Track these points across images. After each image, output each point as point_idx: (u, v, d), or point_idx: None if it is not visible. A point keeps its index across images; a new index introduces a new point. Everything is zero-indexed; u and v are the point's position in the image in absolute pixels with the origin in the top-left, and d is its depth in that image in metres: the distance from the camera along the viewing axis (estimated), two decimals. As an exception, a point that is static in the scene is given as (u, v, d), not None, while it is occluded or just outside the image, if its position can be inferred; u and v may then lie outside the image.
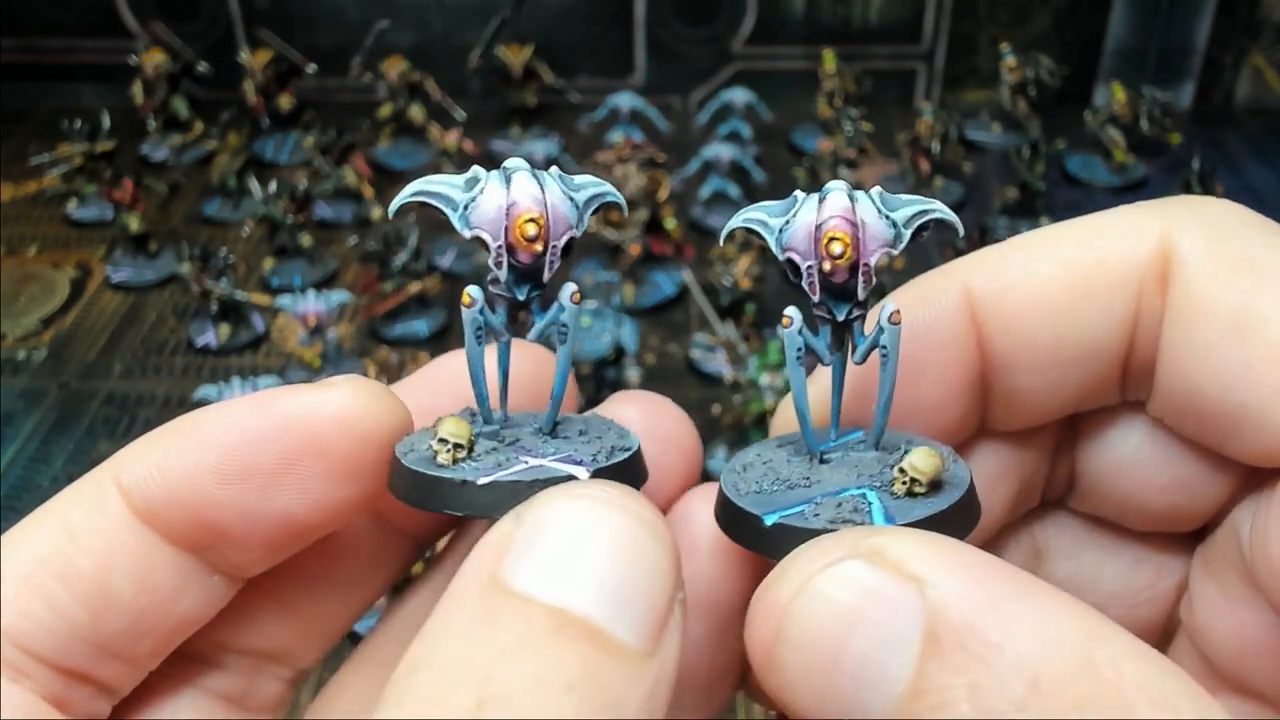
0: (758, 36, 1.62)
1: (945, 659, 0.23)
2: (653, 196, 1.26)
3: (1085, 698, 0.22)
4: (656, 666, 0.24)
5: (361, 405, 0.30)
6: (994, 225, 1.35)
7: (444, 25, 1.62)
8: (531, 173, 0.29)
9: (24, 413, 1.13)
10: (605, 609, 0.23)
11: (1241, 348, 0.29)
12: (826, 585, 0.24)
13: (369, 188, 1.41)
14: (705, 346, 1.17)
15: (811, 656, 0.24)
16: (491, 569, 0.24)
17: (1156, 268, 0.31)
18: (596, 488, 0.26)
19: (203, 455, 0.29)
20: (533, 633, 0.23)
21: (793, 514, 0.28)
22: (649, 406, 0.35)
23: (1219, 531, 0.33)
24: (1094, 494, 0.36)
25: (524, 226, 0.29)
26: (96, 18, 1.62)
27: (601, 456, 0.29)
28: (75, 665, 0.29)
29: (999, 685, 0.22)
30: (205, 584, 0.31)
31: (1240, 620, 0.32)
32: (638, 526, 0.25)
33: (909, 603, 0.23)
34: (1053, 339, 0.32)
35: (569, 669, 0.22)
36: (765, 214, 0.30)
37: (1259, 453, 0.29)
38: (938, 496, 0.29)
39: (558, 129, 1.57)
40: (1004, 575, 0.24)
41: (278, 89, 1.56)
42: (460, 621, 0.23)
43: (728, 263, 1.20)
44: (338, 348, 1.16)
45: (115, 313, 1.28)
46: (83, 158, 1.34)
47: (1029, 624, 0.22)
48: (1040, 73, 1.49)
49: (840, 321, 0.30)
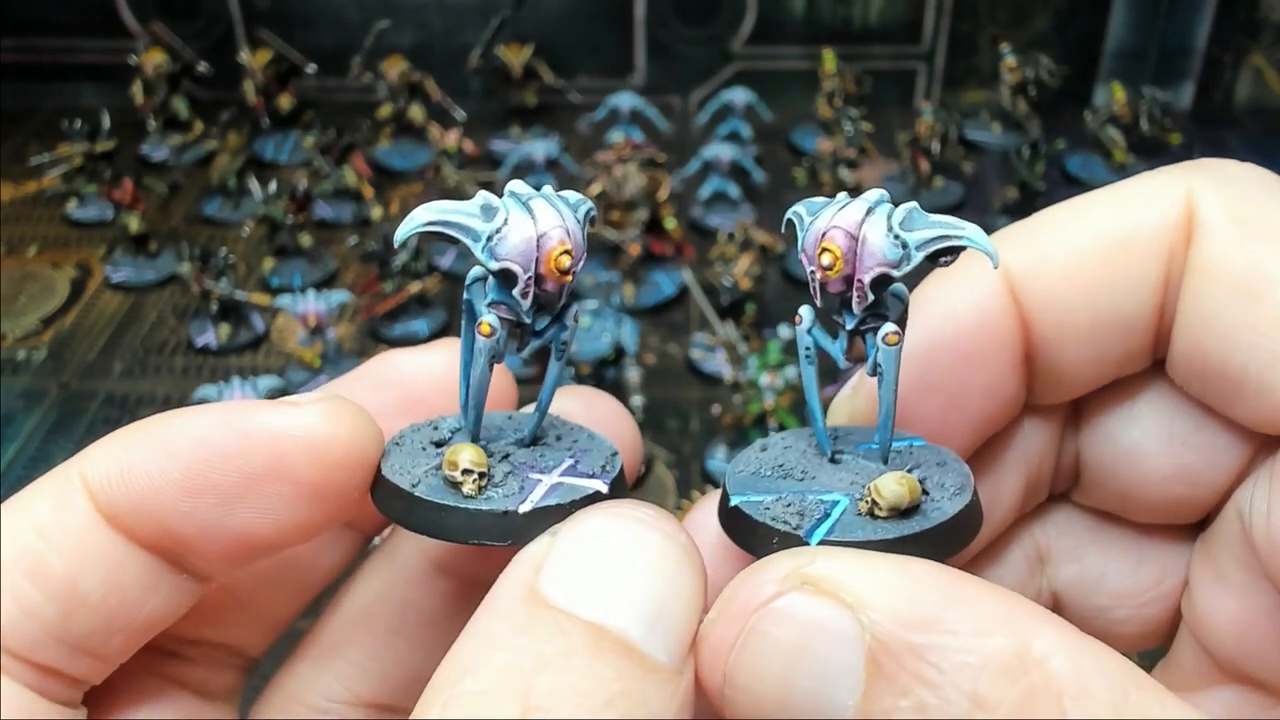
0: (758, 36, 1.62)
1: (889, 683, 0.23)
2: (653, 196, 1.26)
3: (1023, 705, 0.22)
4: (685, 685, 0.24)
5: (331, 430, 0.29)
6: (994, 225, 1.35)
7: (444, 25, 1.62)
8: (548, 199, 0.29)
9: (24, 413, 1.13)
10: (641, 627, 0.24)
11: (1247, 311, 0.29)
12: (766, 625, 0.25)
13: (369, 188, 1.41)
14: (705, 346, 1.17)
15: (761, 697, 0.25)
16: (530, 582, 0.25)
17: (1183, 232, 0.31)
18: (632, 508, 0.26)
19: (166, 465, 0.28)
20: (573, 646, 0.23)
21: (752, 501, 0.29)
22: (590, 400, 0.36)
23: (1219, 520, 0.34)
24: (1099, 485, 0.36)
25: (559, 260, 0.28)
26: (96, 18, 1.62)
27: (610, 466, 0.30)
28: (46, 661, 0.29)
29: (944, 703, 0.22)
30: (173, 584, 0.30)
31: (1240, 608, 0.32)
32: (673, 549, 0.26)
33: (848, 630, 0.24)
34: (1092, 309, 0.32)
35: (608, 684, 0.23)
36: (806, 210, 0.30)
37: (1259, 417, 0.30)
38: (896, 523, 0.28)
39: (558, 129, 1.57)
40: (937, 584, 0.24)
41: (278, 89, 1.56)
42: (502, 631, 0.24)
43: (728, 263, 1.20)
44: (338, 348, 1.16)
45: (115, 313, 1.28)
46: (83, 158, 1.34)
47: (965, 634, 0.23)
48: (1040, 73, 1.49)
49: (851, 330, 0.30)
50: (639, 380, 1.11)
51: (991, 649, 0.23)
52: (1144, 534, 0.37)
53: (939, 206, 1.43)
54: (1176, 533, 0.36)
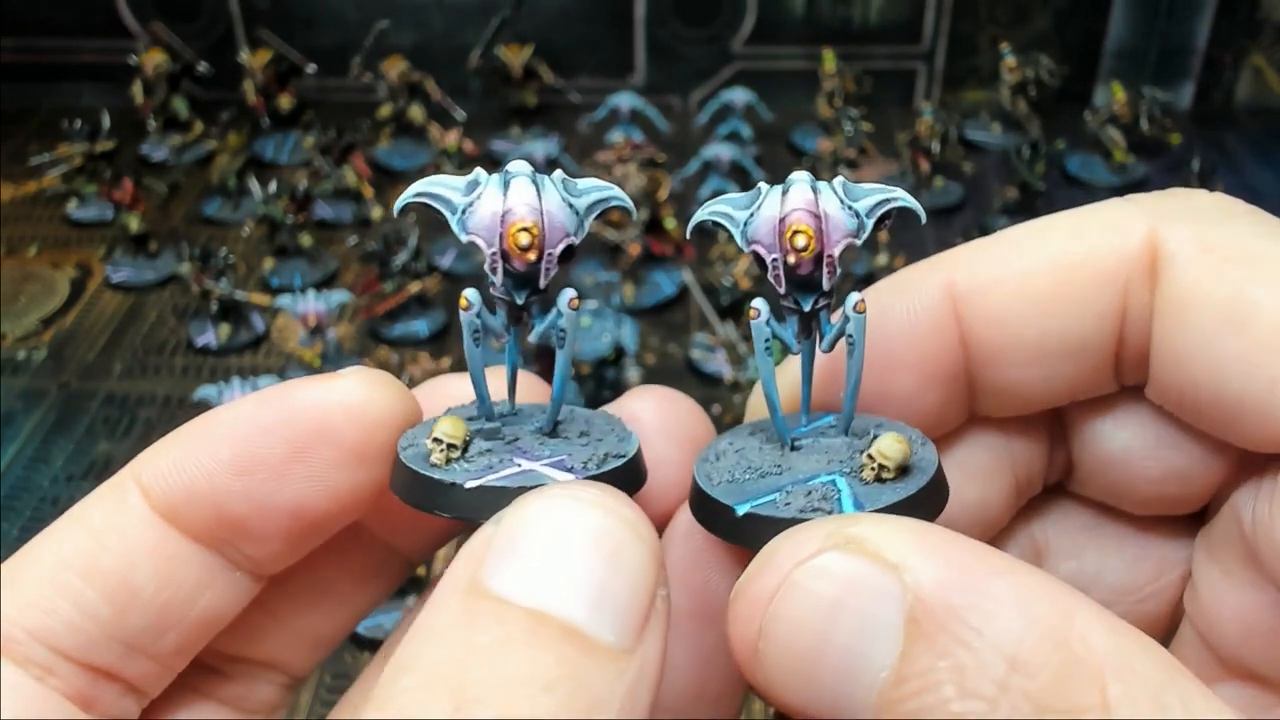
0: (758, 36, 1.62)
1: (928, 643, 0.23)
2: (653, 196, 1.26)
3: (1061, 675, 0.22)
4: (637, 663, 0.24)
5: (367, 394, 0.31)
6: (994, 225, 1.35)
7: (444, 25, 1.62)
8: (531, 178, 0.29)
9: (24, 413, 1.13)
10: (584, 608, 0.23)
11: (1236, 339, 0.29)
12: (806, 579, 0.25)
13: (369, 188, 1.41)
14: (705, 346, 1.17)
15: (795, 651, 0.25)
16: (472, 574, 0.24)
17: (1143, 263, 0.31)
18: (575, 488, 0.26)
19: (217, 449, 0.30)
20: (510, 635, 0.23)
21: (764, 503, 0.29)
22: (663, 402, 0.35)
23: (1220, 517, 0.34)
24: (1091, 481, 0.36)
25: (517, 235, 0.28)
26: (96, 18, 1.62)
27: (593, 464, 0.29)
28: (101, 662, 0.29)
29: (981, 665, 0.22)
30: (227, 580, 0.31)
31: (1244, 603, 0.32)
32: (616, 525, 0.25)
33: (889, 589, 0.24)
34: (1038, 333, 0.32)
35: (547, 669, 0.22)
36: (730, 207, 0.30)
37: (1261, 441, 0.30)
38: (906, 481, 0.29)
39: (558, 129, 1.57)
40: (979, 556, 0.24)
41: (278, 89, 1.56)
42: (439, 626, 0.24)
43: (728, 263, 1.20)
44: (338, 348, 1.16)
45: (115, 313, 1.28)
46: (83, 158, 1.34)
47: (1006, 603, 0.23)
48: (1040, 73, 1.49)
49: (807, 311, 0.31)
50: (639, 380, 1.11)
51: (1034, 617, 0.23)
52: (1141, 529, 0.37)
53: (939, 206, 1.43)
54: (1174, 526, 0.36)
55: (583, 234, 0.29)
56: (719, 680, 0.34)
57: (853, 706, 0.24)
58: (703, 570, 0.34)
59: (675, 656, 0.34)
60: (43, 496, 1.03)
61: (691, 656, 0.34)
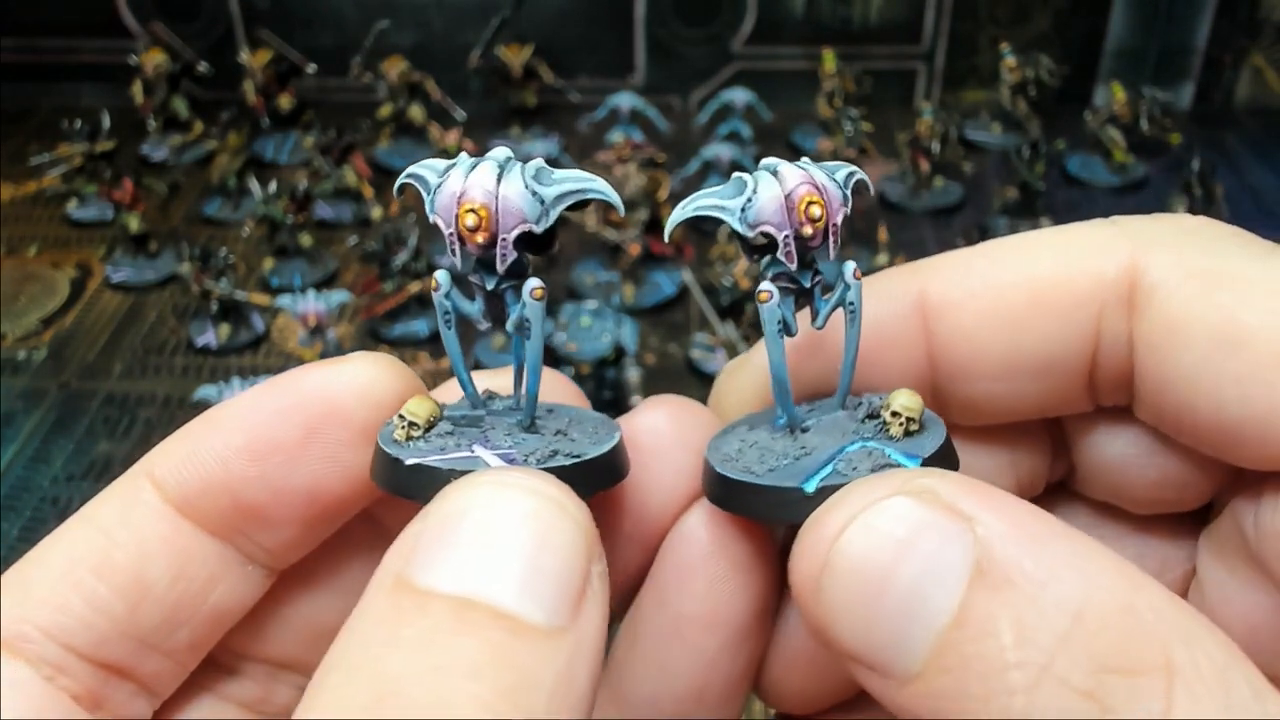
0: (758, 36, 1.62)
1: (992, 592, 0.23)
2: (653, 196, 1.26)
3: (1125, 635, 0.22)
4: (572, 641, 0.24)
5: (374, 375, 0.31)
6: (994, 225, 1.35)
7: (444, 25, 1.62)
8: (500, 162, 0.29)
9: (24, 413, 1.13)
10: (511, 590, 0.23)
11: (1230, 364, 0.28)
12: (877, 518, 0.25)
13: (369, 188, 1.41)
14: (705, 346, 1.17)
15: (858, 585, 0.25)
16: (398, 570, 0.24)
17: (1121, 289, 0.31)
18: (500, 474, 0.26)
19: (230, 437, 0.30)
20: (434, 625, 0.23)
21: (828, 475, 0.28)
22: (677, 411, 0.35)
23: (1223, 518, 0.34)
24: (1091, 482, 0.36)
25: (464, 216, 0.29)
26: (96, 18, 1.62)
27: (535, 459, 0.29)
28: (114, 659, 0.29)
29: (1043, 618, 0.22)
30: (240, 574, 0.31)
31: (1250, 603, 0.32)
32: (541, 505, 0.25)
33: (960, 538, 0.24)
34: (1007, 350, 0.32)
35: (471, 654, 0.22)
36: (717, 199, 0.30)
37: (1263, 461, 0.29)
38: (930, 432, 0.29)
39: (558, 129, 1.57)
40: (1048, 521, 0.24)
41: (278, 89, 1.56)
42: (364, 625, 0.24)
43: (728, 263, 1.20)
44: (338, 348, 1.16)
45: (115, 313, 1.28)
46: (83, 158, 1.34)
47: (1074, 567, 0.23)
48: (1040, 73, 1.49)
49: (806, 288, 0.31)
50: (639, 380, 1.12)
51: (1101, 583, 0.23)
52: (1144, 527, 0.37)
53: (939, 207, 1.43)
54: (1178, 524, 0.36)
55: (546, 223, 0.29)
56: (720, 685, 0.34)
57: (908, 647, 0.24)
58: (706, 576, 0.34)
59: (677, 660, 0.34)
60: (43, 496, 1.03)
61: (694, 661, 0.34)
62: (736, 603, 0.34)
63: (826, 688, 0.36)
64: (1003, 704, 0.22)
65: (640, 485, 0.34)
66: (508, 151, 0.29)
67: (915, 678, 0.24)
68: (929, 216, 1.42)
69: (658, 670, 0.34)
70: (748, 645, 0.34)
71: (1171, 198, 1.33)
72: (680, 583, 0.34)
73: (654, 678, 0.34)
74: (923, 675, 0.24)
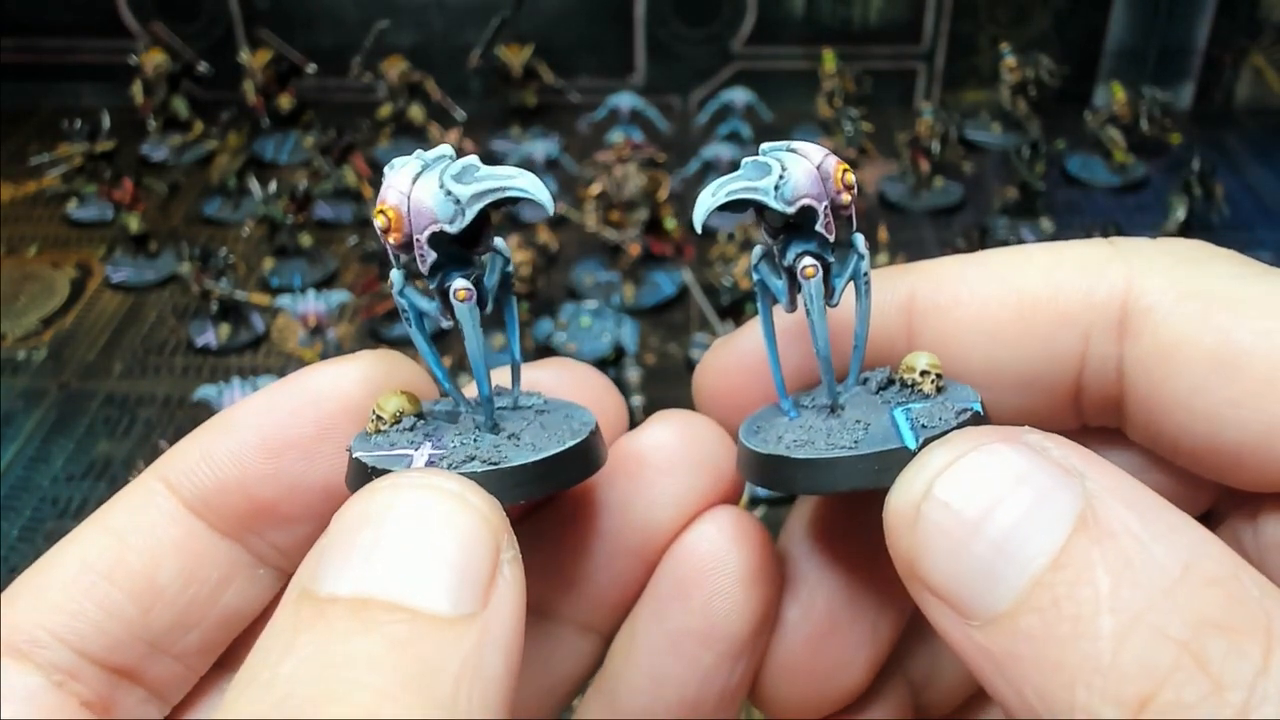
0: (758, 36, 1.62)
1: (1095, 542, 0.23)
2: (653, 196, 1.26)
3: (1229, 598, 0.22)
4: (479, 627, 0.24)
5: (385, 371, 0.32)
6: (994, 225, 1.35)
7: (444, 25, 1.62)
8: (424, 162, 0.29)
9: (24, 413, 1.13)
10: (409, 583, 0.24)
11: (1227, 387, 0.28)
12: (986, 458, 0.25)
13: (369, 188, 1.41)
14: (705, 346, 1.17)
15: (958, 518, 0.25)
16: (303, 584, 0.25)
17: (1111, 311, 0.31)
18: (397, 477, 0.26)
19: (245, 435, 0.31)
20: (331, 627, 0.23)
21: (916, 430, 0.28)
22: (684, 429, 0.35)
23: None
24: None
25: (376, 217, 0.29)
26: (96, 18, 1.62)
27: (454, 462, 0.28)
28: (125, 663, 0.29)
29: (1145, 570, 0.22)
30: (251, 577, 0.31)
31: None
32: (437, 498, 0.25)
33: (1068, 488, 0.24)
34: (988, 362, 0.32)
35: (369, 649, 0.22)
36: (746, 181, 0.30)
37: (1261, 483, 0.29)
38: (952, 388, 0.30)
39: (558, 129, 1.57)
40: (1154, 494, 0.24)
41: (278, 89, 1.56)
42: (268, 639, 0.24)
43: (728, 263, 1.20)
44: (338, 348, 1.16)
45: (115, 313, 1.28)
46: (83, 158, 1.34)
47: (1180, 532, 0.23)
48: (1040, 73, 1.49)
49: (828, 263, 0.31)
50: (639, 380, 1.12)
51: (1208, 550, 0.23)
52: None
53: (939, 207, 1.43)
54: None
55: (462, 223, 0.28)
56: (716, 697, 0.34)
57: (998, 586, 0.24)
58: (705, 591, 0.33)
59: (673, 673, 0.34)
60: (43, 496, 1.03)
61: (690, 674, 0.34)
62: (734, 618, 0.34)
63: (824, 697, 0.36)
64: (1089, 648, 0.22)
65: (644, 499, 0.34)
66: (445, 149, 0.29)
67: (1000, 616, 0.23)
68: (929, 216, 1.42)
69: (653, 682, 0.34)
70: (744, 659, 0.34)
71: (1171, 198, 1.33)
72: (679, 597, 0.34)
73: (649, 689, 0.34)
74: (1008, 614, 0.23)
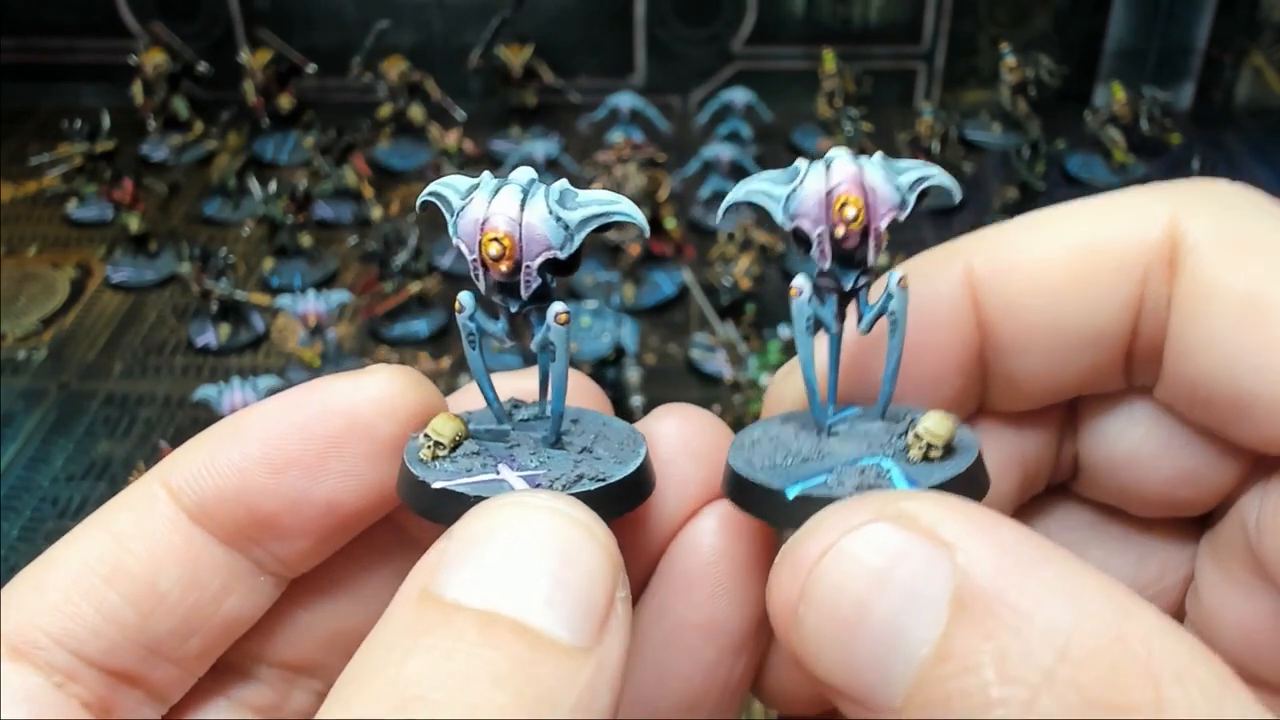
0: (758, 36, 1.62)
1: (973, 625, 0.22)
2: (653, 196, 1.26)
3: (1114, 669, 0.21)
4: (595, 662, 0.24)
5: (397, 388, 0.31)
6: (994, 225, 1.35)
7: (444, 25, 1.62)
8: (524, 187, 0.29)
9: (24, 413, 1.13)
10: (537, 607, 0.23)
11: (1252, 334, 0.28)
12: (854, 546, 0.24)
13: (369, 188, 1.41)
14: (705, 346, 1.17)
15: (835, 617, 0.24)
16: (423, 584, 0.24)
17: (1164, 252, 0.30)
18: (526, 495, 0.26)
19: (248, 448, 0.30)
20: (458, 634, 0.23)
21: (815, 485, 0.28)
22: (685, 421, 0.35)
23: (1225, 520, 0.33)
24: (1097, 482, 0.36)
25: (488, 245, 0.28)
26: (96, 18, 1.62)
27: (560, 484, 0.28)
28: (124, 667, 0.29)
29: (1027, 653, 0.21)
30: (251, 584, 0.31)
31: (1247, 609, 0.32)
32: (567, 526, 0.25)
33: (938, 566, 0.23)
34: (1054, 321, 0.32)
35: (495, 665, 0.22)
36: (769, 184, 0.30)
37: (1269, 439, 0.29)
38: (953, 460, 0.28)
39: (558, 129, 1.57)
40: (1035, 545, 0.23)
41: (278, 89, 1.56)
42: (389, 634, 0.24)
43: (728, 263, 1.20)
44: (338, 348, 1.16)
45: (115, 313, 1.28)
46: (83, 158, 1.34)
47: (1060, 595, 0.22)
48: (1040, 73, 1.49)
49: (847, 291, 0.30)
50: (639, 380, 1.12)
51: (1089, 610, 0.22)
52: (1145, 529, 0.37)
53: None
54: (1179, 527, 0.36)
55: (571, 248, 0.29)
56: (718, 690, 0.34)
57: (889, 680, 0.23)
58: (708, 584, 0.33)
59: (675, 666, 0.34)
60: (43, 496, 1.03)
61: (693, 668, 0.34)
62: (737, 612, 0.34)
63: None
64: None
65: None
66: (531, 173, 0.29)
67: (900, 709, 0.23)
68: (929, 216, 1.42)
69: (655, 675, 0.34)
70: (747, 652, 0.34)
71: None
72: (682, 590, 0.34)
73: (651, 682, 0.34)
74: (905, 710, 0.23)
